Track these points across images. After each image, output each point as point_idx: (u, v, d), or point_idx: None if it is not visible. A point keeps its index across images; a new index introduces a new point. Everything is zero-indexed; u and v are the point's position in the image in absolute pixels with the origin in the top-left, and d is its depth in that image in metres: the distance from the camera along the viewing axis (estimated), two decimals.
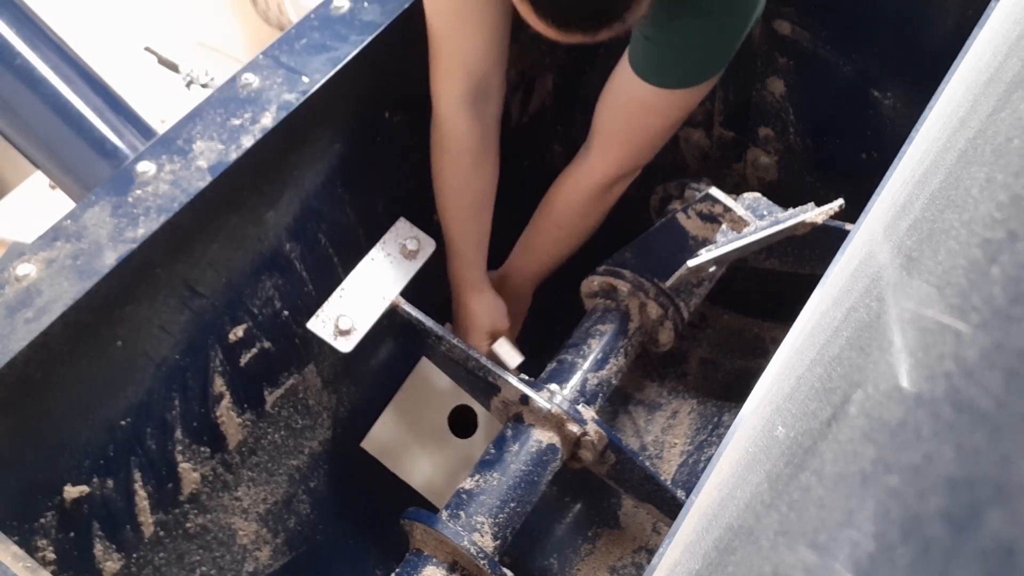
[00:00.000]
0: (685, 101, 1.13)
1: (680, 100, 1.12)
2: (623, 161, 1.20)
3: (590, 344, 1.23)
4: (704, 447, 1.44)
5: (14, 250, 0.89)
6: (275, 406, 1.23)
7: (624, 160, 1.20)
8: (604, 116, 1.19)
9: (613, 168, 1.21)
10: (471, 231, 1.25)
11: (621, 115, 1.17)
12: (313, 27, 1.09)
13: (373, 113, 1.19)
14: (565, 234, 1.30)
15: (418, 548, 1.09)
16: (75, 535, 0.99)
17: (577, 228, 1.29)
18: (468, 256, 1.26)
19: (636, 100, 1.13)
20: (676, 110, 1.15)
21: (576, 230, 1.30)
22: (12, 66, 1.27)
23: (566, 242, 1.31)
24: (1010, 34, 0.82)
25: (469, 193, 1.22)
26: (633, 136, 1.18)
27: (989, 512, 0.37)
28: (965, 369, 0.43)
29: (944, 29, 1.21)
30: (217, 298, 1.07)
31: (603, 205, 1.26)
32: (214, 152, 0.97)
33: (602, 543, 1.40)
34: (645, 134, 1.18)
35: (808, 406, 0.62)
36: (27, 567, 0.73)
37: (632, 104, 1.14)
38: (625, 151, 1.20)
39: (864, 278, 0.69)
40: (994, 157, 0.59)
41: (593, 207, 1.26)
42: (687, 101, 1.14)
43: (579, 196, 1.25)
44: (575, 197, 1.26)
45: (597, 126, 1.20)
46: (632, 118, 1.16)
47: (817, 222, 1.13)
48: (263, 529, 1.23)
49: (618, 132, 1.19)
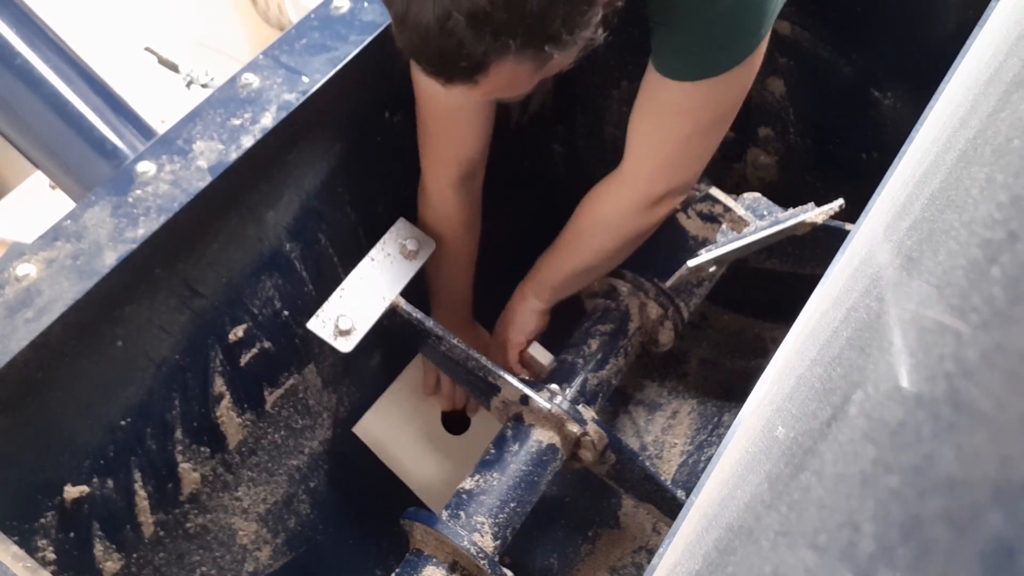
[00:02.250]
0: (714, 96, 1.02)
1: (708, 95, 1.01)
2: (657, 174, 1.10)
3: (590, 344, 1.23)
4: (704, 447, 1.44)
5: (14, 250, 0.89)
6: (275, 406, 1.23)
7: (658, 173, 1.10)
8: (633, 125, 1.09)
9: (646, 181, 1.10)
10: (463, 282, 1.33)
11: (649, 121, 1.07)
12: (313, 27, 1.09)
13: (373, 113, 1.19)
14: (586, 245, 1.19)
15: (418, 548, 1.09)
16: (75, 535, 0.99)
17: (599, 242, 1.18)
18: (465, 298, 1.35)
19: (661, 101, 1.04)
20: (706, 109, 1.03)
21: (598, 244, 1.18)
22: (12, 66, 1.27)
23: (586, 255, 1.20)
24: (1010, 34, 0.82)
25: (463, 256, 1.29)
26: (664, 144, 1.07)
27: (989, 513, 0.37)
28: (965, 370, 0.43)
29: (944, 29, 1.21)
30: (217, 298, 1.07)
31: (634, 225, 1.15)
32: (214, 152, 0.97)
33: (602, 543, 1.40)
34: (676, 141, 1.07)
35: (808, 406, 0.62)
36: (27, 567, 0.73)
37: (658, 106, 1.05)
38: (657, 162, 1.09)
39: (864, 278, 0.69)
40: (994, 157, 0.59)
41: (620, 223, 1.15)
42: (716, 96, 1.02)
43: (608, 208, 1.15)
44: (603, 209, 1.16)
45: (629, 138, 1.10)
46: (660, 122, 1.06)
47: (817, 222, 1.13)
48: (263, 529, 1.23)
49: (649, 140, 1.08)
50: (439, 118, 1.13)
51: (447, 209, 1.22)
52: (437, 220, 1.23)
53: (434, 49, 0.77)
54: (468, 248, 1.30)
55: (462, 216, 1.24)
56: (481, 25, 0.74)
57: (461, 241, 1.27)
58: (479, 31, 0.74)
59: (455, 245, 1.26)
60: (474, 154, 1.17)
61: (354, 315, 1.12)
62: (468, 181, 1.20)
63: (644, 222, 1.15)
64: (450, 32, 0.75)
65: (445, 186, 1.19)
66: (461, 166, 1.17)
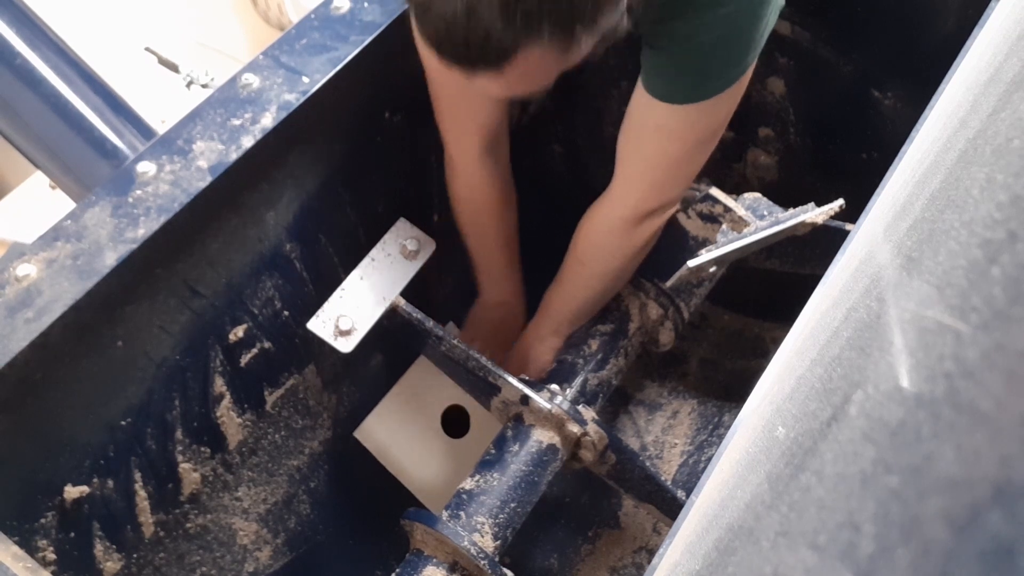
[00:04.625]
0: (701, 120, 1.03)
1: (695, 117, 1.02)
2: (645, 194, 1.11)
3: (590, 344, 1.23)
4: (704, 447, 1.44)
5: (14, 250, 0.89)
6: (275, 406, 1.23)
7: (646, 193, 1.11)
8: (622, 143, 1.10)
9: (635, 201, 1.11)
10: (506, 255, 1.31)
11: (636, 140, 1.08)
12: (313, 27, 1.09)
13: (373, 113, 1.19)
14: (588, 272, 1.20)
15: (418, 548, 1.09)
16: (75, 535, 0.99)
17: (601, 267, 1.19)
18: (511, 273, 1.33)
19: (649, 122, 1.04)
20: (693, 131, 1.04)
21: (600, 269, 1.19)
22: (12, 66, 1.27)
23: (591, 282, 1.21)
24: (1010, 34, 0.82)
25: (502, 227, 1.27)
26: (651, 164, 1.08)
27: (989, 513, 0.37)
28: (965, 370, 0.43)
29: (944, 29, 1.20)
30: (217, 298, 1.07)
31: (630, 243, 1.15)
32: (214, 152, 0.97)
33: (602, 543, 1.40)
34: (664, 162, 1.08)
35: (808, 406, 0.62)
36: (27, 567, 0.73)
37: (646, 127, 1.06)
38: (646, 182, 1.10)
39: (864, 278, 0.69)
40: (994, 157, 0.59)
41: (618, 244, 1.16)
42: (703, 118, 1.02)
43: (603, 231, 1.16)
44: (598, 233, 1.17)
45: (618, 155, 1.11)
46: (647, 143, 1.07)
47: (817, 222, 1.13)
48: (263, 529, 1.23)
49: (636, 160, 1.10)
50: (452, 90, 1.11)
51: (476, 180, 1.21)
52: (471, 192, 1.23)
53: (460, 37, 0.76)
54: (506, 219, 1.28)
55: (494, 187, 1.23)
56: (512, 9, 0.73)
57: (498, 214, 1.26)
58: (510, 16, 0.73)
59: (491, 218, 1.25)
60: (494, 121, 1.16)
61: (354, 315, 1.12)
62: (493, 150, 1.19)
63: (638, 239, 1.15)
64: (479, 18, 0.73)
65: (471, 157, 1.18)
66: (484, 131, 1.16)
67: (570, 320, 1.26)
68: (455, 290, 1.49)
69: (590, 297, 1.23)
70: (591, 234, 1.18)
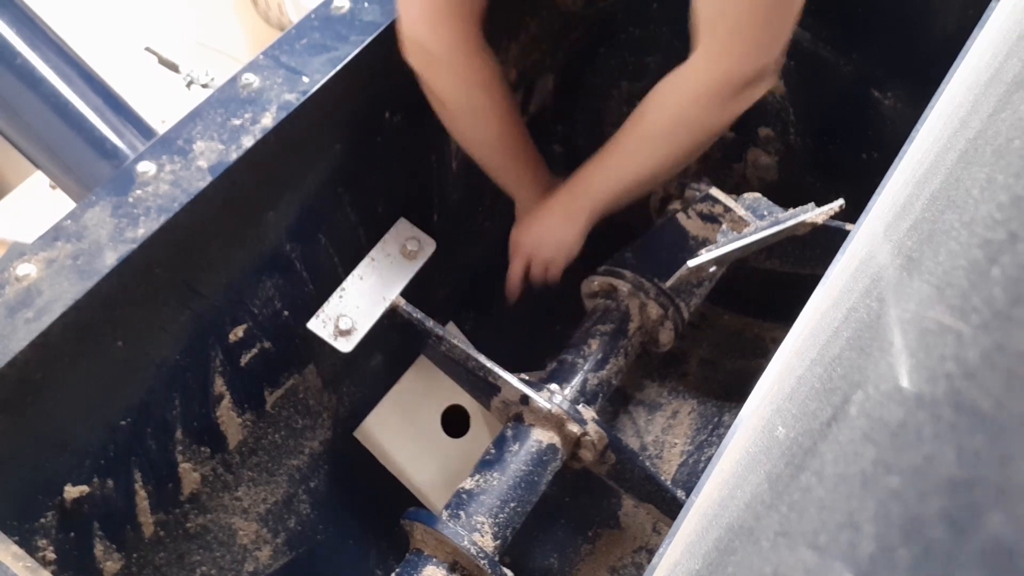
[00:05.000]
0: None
1: None
2: (733, 53, 0.97)
3: (590, 344, 1.23)
4: (704, 447, 1.44)
5: (14, 250, 0.89)
6: (275, 406, 1.23)
7: (734, 52, 0.97)
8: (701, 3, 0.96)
9: (723, 64, 0.98)
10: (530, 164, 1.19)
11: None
12: (313, 27, 1.09)
13: (373, 113, 1.19)
14: (653, 149, 1.06)
15: (418, 548, 1.09)
16: (75, 535, 0.99)
17: (674, 144, 1.05)
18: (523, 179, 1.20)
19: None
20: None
21: (672, 147, 1.05)
22: (12, 66, 1.27)
23: (653, 160, 1.07)
24: (1010, 34, 0.81)
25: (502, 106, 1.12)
26: (743, 13, 0.94)
27: (990, 514, 0.37)
28: (966, 370, 0.43)
29: (944, 29, 1.21)
30: (217, 298, 1.07)
31: (719, 119, 1.02)
32: (214, 152, 0.97)
33: (602, 543, 1.40)
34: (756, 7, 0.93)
35: (808, 406, 0.62)
36: (27, 567, 0.73)
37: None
38: (739, 38, 0.96)
39: (864, 278, 0.69)
40: (995, 158, 0.59)
41: (704, 118, 1.02)
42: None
43: (685, 103, 1.02)
44: (679, 104, 1.02)
45: (697, 19, 0.97)
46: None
47: (817, 222, 1.13)
48: (263, 529, 1.23)
49: (724, 14, 0.96)
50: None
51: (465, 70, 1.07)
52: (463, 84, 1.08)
53: None
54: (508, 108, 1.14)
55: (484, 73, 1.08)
56: None
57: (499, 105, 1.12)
58: None
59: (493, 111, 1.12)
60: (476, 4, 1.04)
61: (354, 315, 1.12)
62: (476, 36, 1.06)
63: (727, 115, 1.02)
64: None
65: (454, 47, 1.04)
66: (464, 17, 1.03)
67: (613, 200, 1.13)
68: (455, 290, 1.49)
69: (645, 179, 1.10)
70: (670, 105, 1.04)
